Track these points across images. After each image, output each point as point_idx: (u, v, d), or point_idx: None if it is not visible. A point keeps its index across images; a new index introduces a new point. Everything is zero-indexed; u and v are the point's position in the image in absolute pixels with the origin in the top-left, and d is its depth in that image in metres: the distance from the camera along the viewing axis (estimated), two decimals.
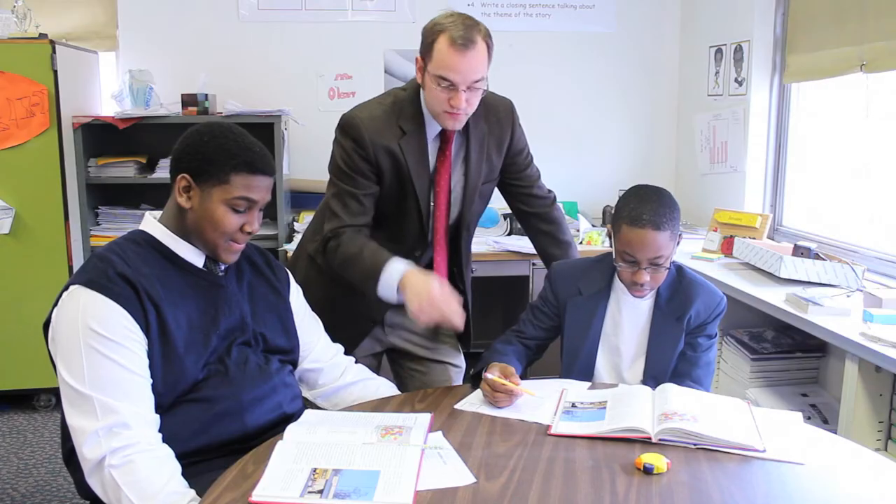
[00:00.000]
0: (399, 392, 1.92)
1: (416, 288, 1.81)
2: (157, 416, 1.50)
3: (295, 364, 1.81)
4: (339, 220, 2.01)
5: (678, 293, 1.89)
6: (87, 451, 1.41)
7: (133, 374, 1.47)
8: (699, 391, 1.74)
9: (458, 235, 2.19)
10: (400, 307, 2.09)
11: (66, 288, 1.51)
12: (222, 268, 1.68)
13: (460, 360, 2.34)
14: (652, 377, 1.88)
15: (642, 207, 1.77)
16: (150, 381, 1.50)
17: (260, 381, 1.64)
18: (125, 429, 1.42)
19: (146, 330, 1.50)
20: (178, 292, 1.57)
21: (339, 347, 1.95)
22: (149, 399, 1.49)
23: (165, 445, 1.48)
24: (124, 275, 1.50)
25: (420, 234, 2.11)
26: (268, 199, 1.63)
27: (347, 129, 2.01)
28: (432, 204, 2.10)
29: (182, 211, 1.60)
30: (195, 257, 1.63)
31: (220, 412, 1.57)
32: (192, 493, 1.43)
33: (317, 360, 1.87)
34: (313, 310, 1.93)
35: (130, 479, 1.39)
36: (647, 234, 1.74)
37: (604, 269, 1.94)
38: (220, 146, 1.56)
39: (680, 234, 1.84)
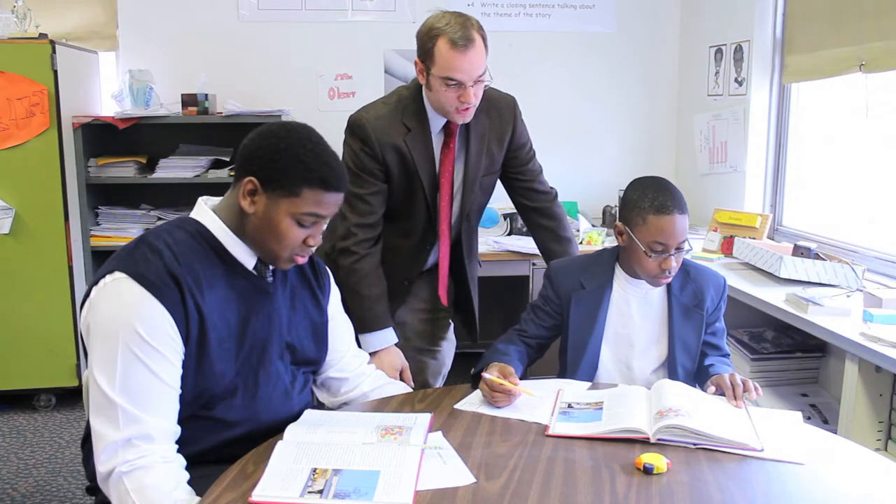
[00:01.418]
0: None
1: (382, 357, 2.12)
2: (179, 428, 1.46)
3: (317, 371, 1.78)
4: (348, 221, 2.10)
5: (688, 281, 1.94)
6: (102, 460, 1.39)
7: (165, 386, 1.43)
8: (693, 389, 1.75)
9: (459, 226, 2.25)
10: (408, 303, 2.32)
11: (111, 271, 1.44)
12: (271, 270, 1.62)
13: (440, 363, 2.46)
14: (681, 366, 1.91)
15: (664, 196, 1.81)
16: (180, 391, 1.46)
17: (283, 404, 1.62)
18: (146, 441, 1.39)
19: (186, 337, 1.45)
20: (222, 297, 1.52)
21: (365, 356, 1.93)
22: (175, 411, 1.45)
23: (180, 456, 1.45)
24: (174, 274, 1.44)
25: (429, 227, 2.19)
26: (336, 213, 1.56)
27: (355, 129, 2.09)
28: (438, 195, 2.17)
29: (244, 213, 1.51)
30: (247, 258, 1.56)
31: (239, 437, 1.55)
32: (197, 500, 1.40)
33: (343, 370, 1.82)
34: None
35: (138, 484, 1.37)
36: (675, 220, 1.79)
37: (604, 264, 1.96)
38: (296, 157, 1.47)
39: None
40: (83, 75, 3.72)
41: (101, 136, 3.60)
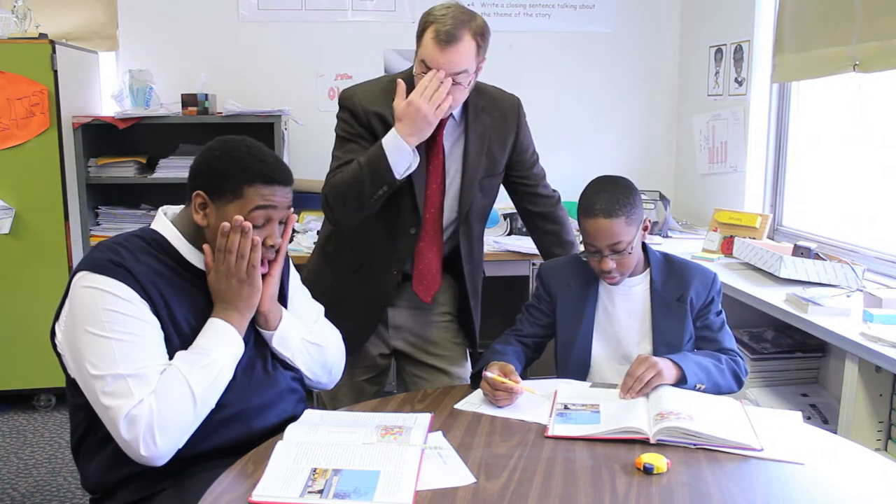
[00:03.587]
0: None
1: (402, 125, 1.90)
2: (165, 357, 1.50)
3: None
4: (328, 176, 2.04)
5: (671, 277, 1.93)
6: (123, 428, 1.40)
7: (147, 327, 1.47)
8: (692, 392, 1.74)
9: (456, 228, 2.16)
10: (403, 306, 2.18)
11: (74, 274, 1.50)
12: None
13: (465, 370, 2.29)
14: None
15: (596, 198, 1.83)
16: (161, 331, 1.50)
17: (267, 387, 1.63)
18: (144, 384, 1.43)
19: (155, 314, 1.49)
20: (180, 292, 1.55)
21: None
22: (161, 340, 1.49)
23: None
24: (129, 269, 1.49)
25: (413, 210, 2.06)
26: (288, 209, 1.60)
27: (344, 101, 2.06)
28: (426, 181, 2.05)
29: (199, 227, 1.58)
30: (201, 261, 1.60)
31: (227, 417, 1.55)
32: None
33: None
34: (321, 298, 1.89)
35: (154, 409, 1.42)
36: (600, 223, 1.81)
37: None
38: (232, 160, 1.54)
39: (645, 219, 1.89)
40: (83, 75, 3.72)
41: (101, 136, 3.60)
